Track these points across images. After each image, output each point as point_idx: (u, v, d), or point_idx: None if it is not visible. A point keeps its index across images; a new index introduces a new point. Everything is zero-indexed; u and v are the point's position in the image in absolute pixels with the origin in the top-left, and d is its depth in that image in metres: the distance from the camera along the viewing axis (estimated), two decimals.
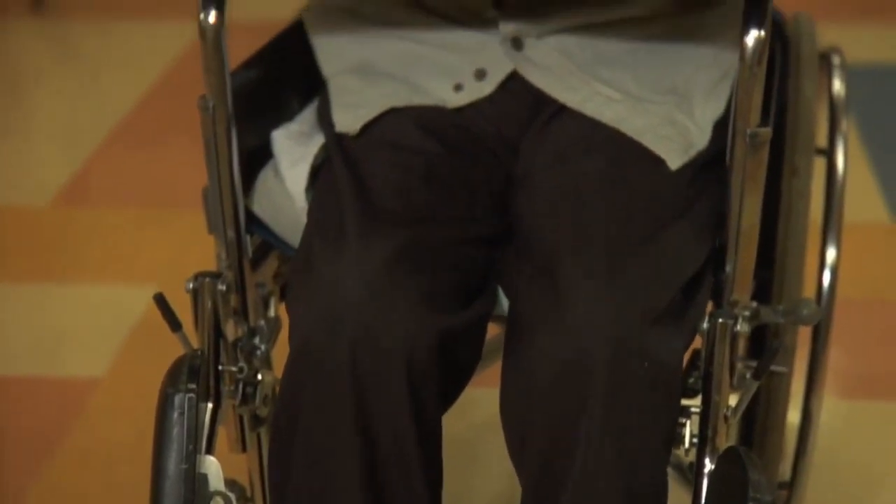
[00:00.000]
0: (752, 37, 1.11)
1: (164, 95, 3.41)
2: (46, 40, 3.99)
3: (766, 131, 1.15)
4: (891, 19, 3.79)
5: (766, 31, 1.11)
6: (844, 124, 1.55)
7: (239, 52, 1.30)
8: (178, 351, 1.28)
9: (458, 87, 1.33)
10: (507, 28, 1.32)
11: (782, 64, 1.49)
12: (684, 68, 1.33)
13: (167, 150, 3.06)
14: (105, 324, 2.39)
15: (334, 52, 1.41)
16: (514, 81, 1.33)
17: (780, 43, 1.51)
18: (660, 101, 1.31)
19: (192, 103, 1.27)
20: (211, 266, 1.33)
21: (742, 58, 1.11)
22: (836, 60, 1.58)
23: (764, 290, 1.42)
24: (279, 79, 1.45)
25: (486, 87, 1.33)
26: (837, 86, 1.57)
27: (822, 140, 1.55)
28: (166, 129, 3.16)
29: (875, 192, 2.78)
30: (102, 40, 3.87)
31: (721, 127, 1.30)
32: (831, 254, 1.54)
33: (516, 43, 1.32)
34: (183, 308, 1.29)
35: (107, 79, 3.61)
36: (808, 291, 1.53)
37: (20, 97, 3.50)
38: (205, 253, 1.40)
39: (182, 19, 3.62)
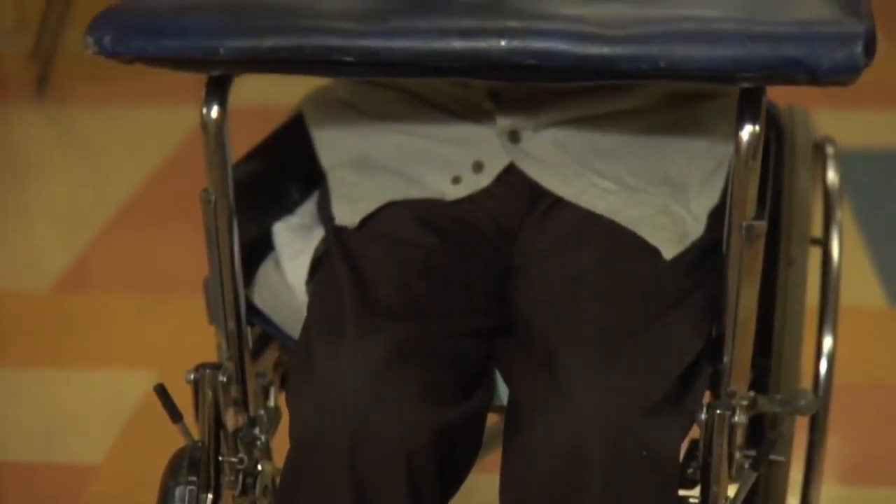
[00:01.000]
0: (747, 131, 1.12)
1: (166, 180, 3.43)
2: (49, 125, 4.02)
3: (762, 224, 1.16)
4: (885, 105, 3.82)
5: (760, 126, 1.12)
6: (839, 214, 1.56)
7: (240, 136, 1.31)
8: (178, 437, 1.29)
9: (455, 180, 1.35)
10: (505, 122, 1.34)
11: (777, 154, 1.51)
12: (679, 159, 1.35)
13: (168, 235, 3.07)
14: (105, 409, 2.39)
15: (333, 145, 1.43)
16: (511, 174, 1.35)
17: (775, 133, 1.53)
18: (655, 192, 1.32)
19: (193, 188, 1.29)
20: (211, 352, 1.34)
21: (737, 152, 1.12)
22: (830, 150, 1.60)
23: (762, 378, 1.43)
24: (280, 170, 1.47)
25: (484, 180, 1.34)
26: (832, 175, 1.59)
27: (818, 229, 1.56)
28: (167, 214, 3.17)
29: (872, 277, 2.79)
30: (104, 126, 3.90)
31: (716, 216, 1.31)
32: (828, 342, 1.54)
33: (513, 136, 1.34)
34: (183, 395, 1.30)
35: (108, 164, 3.64)
36: (806, 379, 1.54)
37: (22, 182, 3.52)
38: (205, 338, 1.41)
39: (183, 105, 3.66)
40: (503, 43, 1.08)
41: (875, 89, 3.66)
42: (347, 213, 1.33)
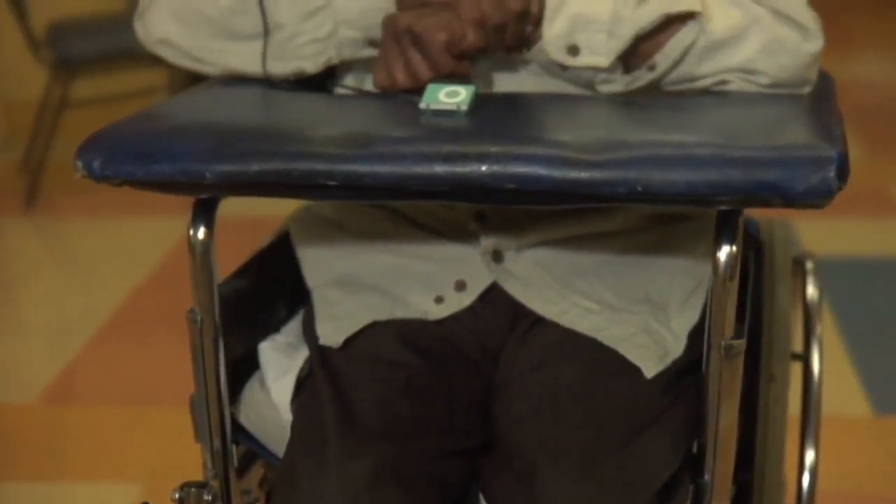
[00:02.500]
0: (725, 252, 1.13)
1: (153, 291, 3.44)
2: (38, 237, 4.05)
3: (741, 343, 1.17)
4: (866, 213, 3.86)
5: (737, 247, 1.13)
6: (819, 329, 1.58)
7: (226, 248, 1.32)
8: None
9: (439, 300, 1.36)
10: (488, 242, 1.36)
11: (756, 269, 1.53)
12: (659, 279, 1.37)
13: (155, 347, 3.08)
14: None
15: (318, 265, 1.45)
16: (494, 293, 1.36)
17: (755, 248, 1.55)
18: (636, 311, 1.34)
19: (179, 300, 1.30)
20: (197, 465, 1.34)
21: (715, 272, 1.14)
22: (809, 265, 1.62)
23: (744, 494, 1.44)
24: (267, 289, 1.48)
25: (466, 299, 1.36)
26: (811, 291, 1.60)
27: (799, 343, 1.58)
28: (154, 326, 3.18)
29: (856, 386, 2.80)
30: (93, 237, 3.92)
31: (696, 335, 1.33)
32: (810, 456, 1.55)
33: (496, 256, 1.36)
34: None
35: (96, 275, 3.66)
36: (790, 491, 1.55)
37: (11, 293, 3.53)
38: (192, 451, 1.41)
39: (171, 216, 3.69)
40: (484, 168, 1.10)
41: (856, 198, 3.71)
42: (331, 334, 1.35)
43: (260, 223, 1.52)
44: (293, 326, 1.47)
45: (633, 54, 1.28)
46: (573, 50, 1.27)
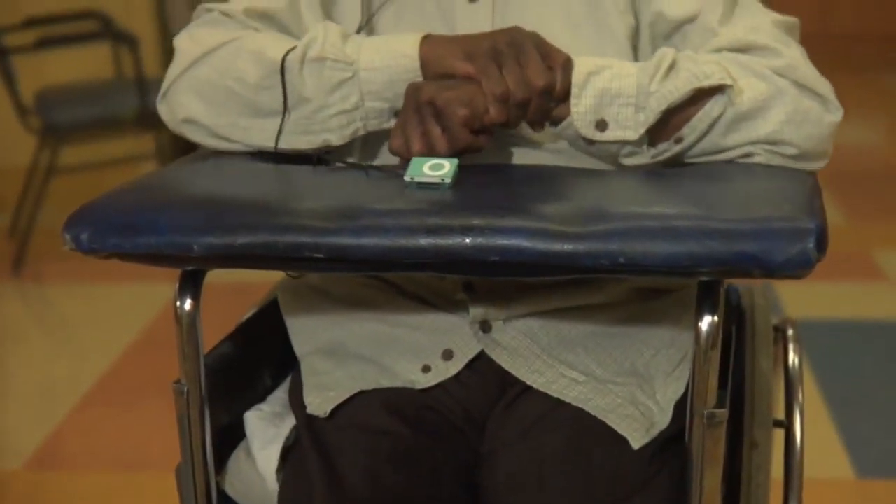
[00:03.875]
0: (706, 322, 1.15)
1: (139, 357, 3.44)
2: (24, 303, 4.05)
3: (723, 412, 1.18)
4: (848, 277, 3.88)
5: (719, 317, 1.15)
6: (801, 396, 1.59)
7: (212, 312, 1.33)
8: None
9: (426, 369, 1.37)
10: (477, 311, 1.37)
11: (738, 336, 1.54)
12: (645, 351, 1.38)
13: (142, 412, 3.08)
14: None
15: (306, 333, 1.46)
16: (480, 361, 1.37)
17: (737, 315, 1.57)
18: (622, 383, 1.35)
19: (165, 365, 1.31)
20: None
21: (696, 342, 1.15)
22: (790, 332, 1.63)
23: None
24: (253, 357, 1.49)
25: (453, 368, 1.37)
26: (792, 358, 1.62)
27: (781, 410, 1.58)
28: (141, 391, 3.19)
29: (839, 448, 2.81)
30: (79, 303, 3.93)
31: (682, 405, 1.33)
32: None
33: (484, 325, 1.37)
34: None
35: (83, 340, 3.66)
36: None
37: None
38: None
39: (156, 282, 3.69)
40: (468, 240, 1.11)
41: (838, 262, 3.74)
42: (319, 403, 1.35)
43: (245, 288, 1.52)
44: (279, 395, 1.48)
45: (661, 127, 1.29)
46: (601, 125, 1.28)
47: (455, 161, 1.25)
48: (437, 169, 1.24)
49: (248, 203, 1.21)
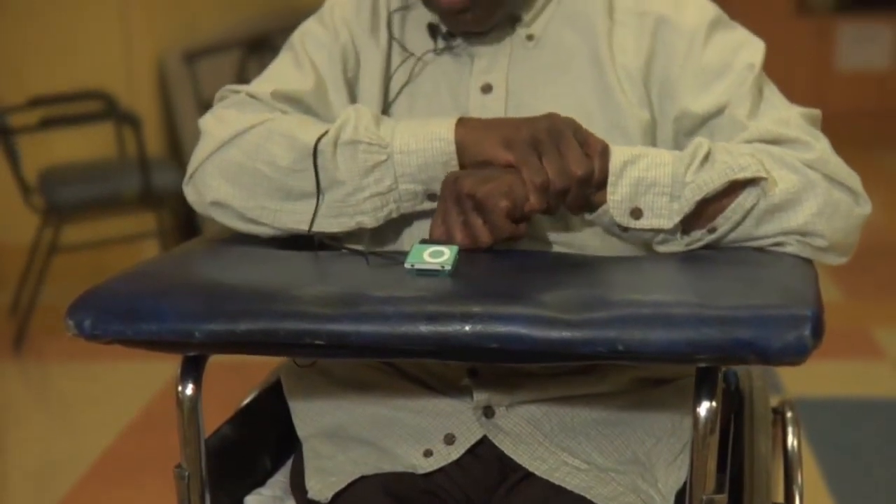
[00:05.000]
0: (704, 408, 1.16)
1: (139, 435, 3.44)
2: (24, 381, 4.05)
3: (722, 497, 1.18)
4: (847, 355, 3.89)
5: (717, 403, 1.16)
6: (800, 478, 1.59)
7: (213, 392, 1.33)
8: None
9: (427, 453, 1.37)
10: (481, 397, 1.37)
11: (737, 419, 1.54)
12: (646, 440, 1.37)
13: (141, 491, 3.07)
14: None
15: (309, 415, 1.46)
16: (482, 446, 1.37)
17: (737, 398, 1.57)
18: (624, 471, 1.35)
19: (165, 443, 1.31)
20: None
21: (695, 428, 1.16)
22: (788, 415, 1.64)
23: None
24: (253, 441, 1.49)
25: (455, 453, 1.37)
26: (791, 440, 1.62)
27: (780, 492, 1.58)
28: (141, 470, 3.18)
29: None
30: (80, 381, 3.92)
31: (684, 493, 1.33)
32: None
33: (487, 411, 1.37)
34: None
35: (83, 419, 3.65)
36: None
37: None
38: None
39: (156, 360, 3.69)
40: (467, 327, 1.12)
41: (837, 340, 3.74)
42: (320, 488, 1.36)
43: (245, 367, 1.53)
44: (279, 479, 1.48)
45: (695, 216, 1.30)
46: (636, 213, 1.29)
47: (454, 248, 1.26)
48: (438, 256, 1.25)
49: (250, 289, 1.22)
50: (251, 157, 1.37)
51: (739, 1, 6.44)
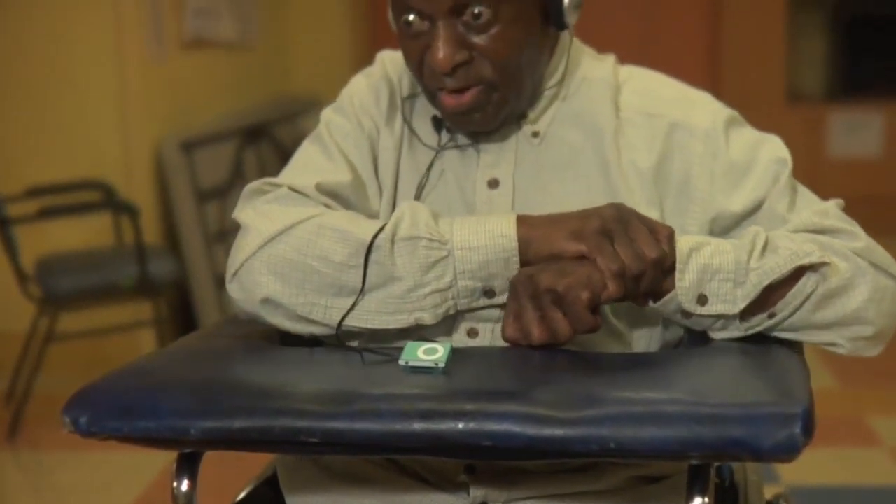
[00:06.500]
0: None
1: None
2: (20, 470, 4.03)
3: None
4: (842, 443, 3.88)
5: (709, 498, 1.17)
6: None
7: (210, 483, 1.32)
8: None
9: None
10: (477, 493, 1.37)
11: None
12: None
13: None
14: None
15: None
16: None
17: (731, 492, 1.57)
18: None
19: None
20: None
21: None
22: None
23: None
24: None
25: None
26: None
27: None
28: None
29: None
30: (74, 470, 3.91)
31: None
32: None
33: None
34: None
35: None
36: None
37: None
38: None
39: (151, 451, 3.68)
40: (461, 425, 1.13)
41: (832, 428, 3.74)
42: None
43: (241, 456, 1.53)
44: None
45: (756, 302, 1.32)
46: (702, 299, 1.31)
47: (448, 345, 1.27)
48: (431, 353, 1.26)
49: (244, 387, 1.23)
50: (302, 252, 1.36)
51: (731, 91, 6.52)
